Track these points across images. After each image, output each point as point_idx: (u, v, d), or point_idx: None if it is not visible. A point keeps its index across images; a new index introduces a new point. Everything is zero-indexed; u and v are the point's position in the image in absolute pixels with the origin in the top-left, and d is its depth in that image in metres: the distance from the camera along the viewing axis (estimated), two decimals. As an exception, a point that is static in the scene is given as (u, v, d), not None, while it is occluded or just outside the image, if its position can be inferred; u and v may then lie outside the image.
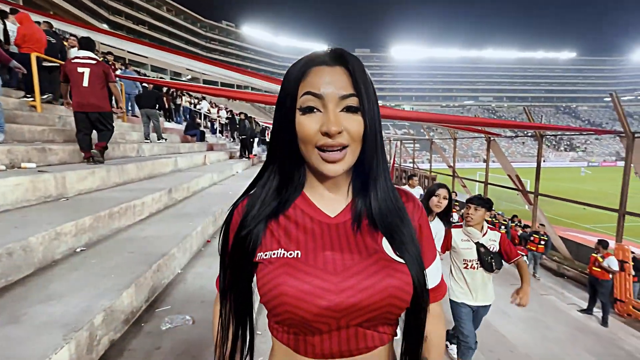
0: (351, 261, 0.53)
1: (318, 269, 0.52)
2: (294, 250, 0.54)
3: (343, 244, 0.55)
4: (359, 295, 0.50)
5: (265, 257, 0.54)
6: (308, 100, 0.52)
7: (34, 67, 4.81)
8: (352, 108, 0.52)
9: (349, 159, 0.53)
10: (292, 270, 0.52)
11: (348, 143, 0.52)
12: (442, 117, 12.99)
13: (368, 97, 0.53)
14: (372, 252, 0.54)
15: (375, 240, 0.55)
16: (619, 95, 6.52)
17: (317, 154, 0.52)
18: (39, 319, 1.34)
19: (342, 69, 0.53)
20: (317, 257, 0.53)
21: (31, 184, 2.44)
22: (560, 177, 28.79)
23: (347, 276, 0.51)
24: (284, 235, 0.56)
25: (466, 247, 2.35)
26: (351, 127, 0.52)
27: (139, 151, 5.40)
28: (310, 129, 0.52)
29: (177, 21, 56.44)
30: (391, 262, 0.53)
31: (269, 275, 0.52)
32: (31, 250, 1.75)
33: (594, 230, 12.50)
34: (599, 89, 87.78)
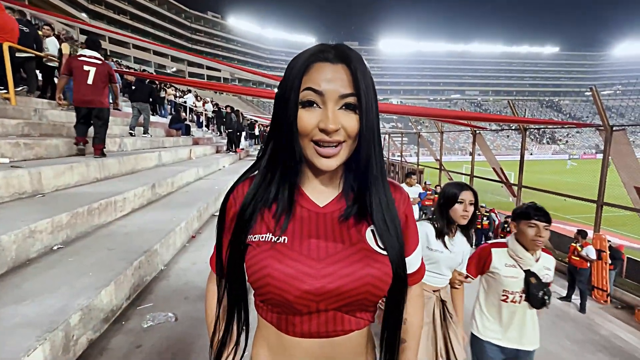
0: (334, 249, 0.56)
1: (302, 255, 0.55)
2: (282, 236, 0.57)
3: (328, 232, 0.58)
4: (338, 282, 0.53)
5: (254, 240, 0.57)
6: (308, 95, 0.53)
7: (7, 58, 4.58)
8: (351, 106, 0.54)
9: (343, 155, 0.55)
10: (278, 255, 0.55)
11: (344, 139, 0.54)
12: (429, 110, 13.10)
13: (367, 96, 0.54)
14: (355, 242, 0.57)
15: (359, 231, 0.58)
16: (599, 90, 6.69)
17: (312, 148, 0.55)
18: (12, 320, 1.29)
19: (344, 67, 0.54)
20: (303, 244, 0.56)
21: (4, 180, 2.34)
22: (546, 170, 29.55)
23: (329, 263, 0.55)
24: (273, 221, 0.58)
25: (511, 275, 1.70)
26: (348, 125, 0.54)
27: (121, 145, 5.25)
28: (309, 123, 0.54)
29: (160, 11, 54.73)
30: (372, 252, 0.56)
31: (257, 257, 0.56)
32: (3, 249, 1.67)
33: (574, 220, 12.92)
34: (581, 83, 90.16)
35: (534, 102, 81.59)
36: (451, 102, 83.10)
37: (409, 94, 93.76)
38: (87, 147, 4.04)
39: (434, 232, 1.69)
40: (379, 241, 0.58)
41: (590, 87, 6.98)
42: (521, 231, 1.64)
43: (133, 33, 46.93)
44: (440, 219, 1.70)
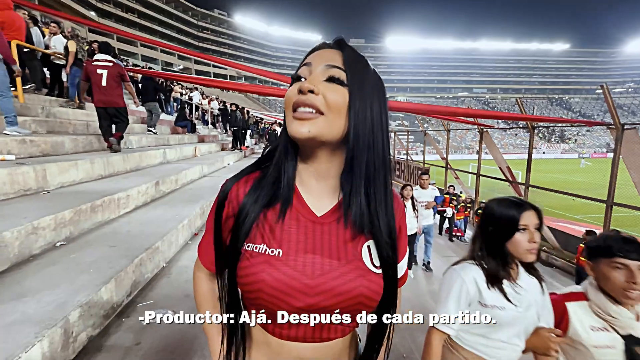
0: (329, 267, 0.54)
1: (297, 271, 0.53)
2: (276, 248, 0.54)
3: (324, 247, 0.55)
4: (331, 300, 0.53)
5: (248, 249, 0.55)
6: (300, 70, 0.54)
7: (15, 55, 4.64)
8: (336, 79, 0.52)
9: (320, 125, 0.51)
10: (271, 269, 0.53)
11: (322, 109, 0.51)
12: (435, 108, 12.96)
13: (363, 80, 0.53)
14: (350, 259, 0.55)
15: (355, 247, 0.57)
16: (612, 87, 6.54)
17: (291, 116, 0.52)
18: (11, 317, 1.29)
19: (337, 51, 0.55)
20: (298, 259, 0.54)
21: (9, 177, 2.36)
22: (558, 169, 29.09)
23: (323, 281, 0.53)
24: (268, 231, 0.56)
25: (603, 343, 1.05)
26: (329, 95, 0.51)
27: (126, 142, 5.28)
28: (292, 92, 0.53)
29: (167, 9, 55.03)
30: (367, 272, 0.56)
31: (250, 269, 0.54)
32: (5, 245, 1.69)
33: (583, 220, 12.71)
34: (591, 80, 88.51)
35: (543, 100, 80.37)
36: (458, 100, 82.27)
37: (415, 92, 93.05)
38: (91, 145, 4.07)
39: (485, 279, 1.05)
40: (375, 259, 0.57)
41: (601, 84, 6.84)
42: (604, 275, 1.07)
43: (141, 31, 47.36)
44: (490, 257, 1.08)
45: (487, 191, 15.84)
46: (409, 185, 4.49)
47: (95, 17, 40.76)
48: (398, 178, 15.83)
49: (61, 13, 14.04)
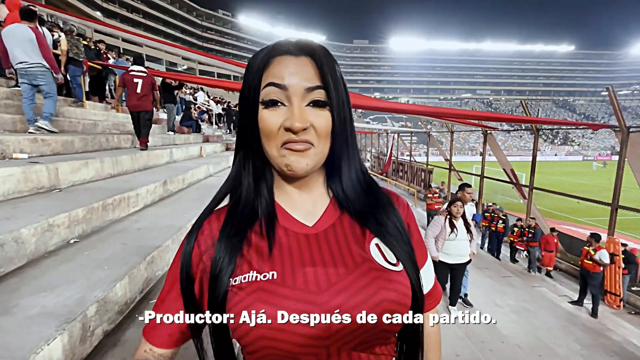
0: (336, 276, 0.46)
1: (298, 290, 0.44)
2: (268, 272, 0.46)
3: (325, 256, 0.48)
4: (350, 319, 0.43)
5: (234, 284, 0.46)
6: (271, 93, 0.47)
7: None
8: (320, 102, 0.47)
9: (315, 157, 0.48)
10: (267, 296, 0.44)
11: (313, 142, 0.47)
12: (439, 110, 12.98)
13: (337, 90, 0.48)
14: (359, 262, 0.47)
15: (362, 246, 0.49)
16: (617, 90, 6.53)
17: (281, 152, 0.47)
18: (32, 311, 1.34)
19: (308, 59, 0.48)
20: (297, 276, 0.46)
21: (23, 175, 2.42)
22: (563, 172, 28.91)
23: (334, 294, 0.44)
24: (255, 255, 0.48)
25: None
26: (318, 123, 0.47)
27: (133, 142, 5.35)
28: (273, 124, 0.47)
29: (172, 9, 55.39)
30: (383, 271, 0.47)
31: (240, 304, 0.44)
32: (23, 241, 1.73)
33: (587, 223, 12.65)
34: (596, 82, 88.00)
35: (547, 102, 79.97)
36: (462, 101, 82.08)
37: (419, 93, 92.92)
38: (99, 145, 4.14)
39: None
40: (388, 255, 0.49)
41: (607, 86, 6.83)
42: None
43: (145, 31, 47.63)
44: None
45: (491, 193, 15.84)
46: (459, 201, 3.73)
47: (101, 17, 41.04)
48: (401, 179, 15.85)
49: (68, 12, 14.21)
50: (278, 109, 0.47)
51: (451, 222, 3.68)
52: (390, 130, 20.86)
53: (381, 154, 19.86)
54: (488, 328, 3.26)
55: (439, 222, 3.73)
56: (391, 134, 18.70)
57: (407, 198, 13.48)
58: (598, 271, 5.54)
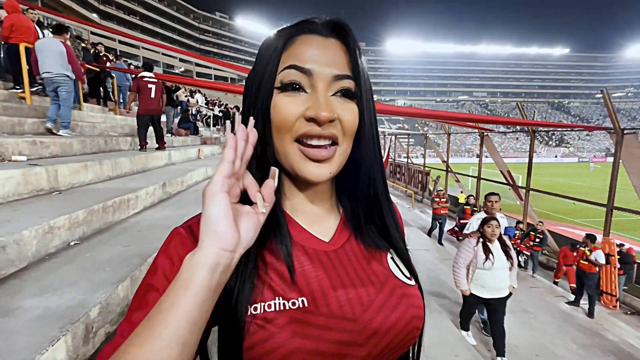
0: (367, 297, 0.41)
1: (335, 318, 0.39)
2: (297, 298, 0.39)
3: (351, 275, 0.43)
4: (386, 339, 0.41)
5: (255, 313, 0.37)
6: (290, 76, 0.40)
7: (23, 57, 4.71)
8: (349, 93, 0.41)
9: (338, 160, 0.41)
10: (303, 328, 0.37)
11: (339, 138, 0.40)
12: (435, 113, 13.06)
13: (366, 82, 0.42)
14: (384, 280, 0.44)
15: (381, 262, 0.46)
16: (611, 92, 6.61)
17: (297, 150, 0.40)
18: (35, 312, 1.34)
19: (338, 42, 0.42)
20: (330, 301, 0.40)
21: (22, 177, 2.42)
22: (559, 173, 29.12)
23: (370, 318, 0.40)
24: (276, 277, 0.40)
25: None
26: (346, 117, 0.40)
27: (131, 144, 5.35)
28: (291, 112, 0.39)
29: (169, 12, 55.38)
30: (405, 287, 0.45)
31: (272, 340, 0.36)
32: (25, 244, 1.74)
33: (583, 224, 12.75)
34: (591, 85, 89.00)
35: (543, 104, 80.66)
36: (458, 103, 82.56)
37: (415, 95, 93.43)
38: (98, 147, 4.13)
39: None
40: (404, 269, 0.47)
41: (601, 89, 6.92)
42: None
43: (142, 33, 47.56)
44: None
45: (488, 195, 15.95)
46: (493, 220, 2.95)
47: (97, 19, 40.95)
48: (398, 181, 15.91)
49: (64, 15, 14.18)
50: (298, 95, 0.40)
51: (485, 246, 2.93)
52: (387, 132, 20.96)
53: (379, 156, 19.91)
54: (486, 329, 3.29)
55: (469, 246, 2.99)
56: (388, 136, 18.80)
57: (405, 200, 13.52)
58: (594, 271, 5.59)
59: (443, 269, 5.11)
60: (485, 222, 2.99)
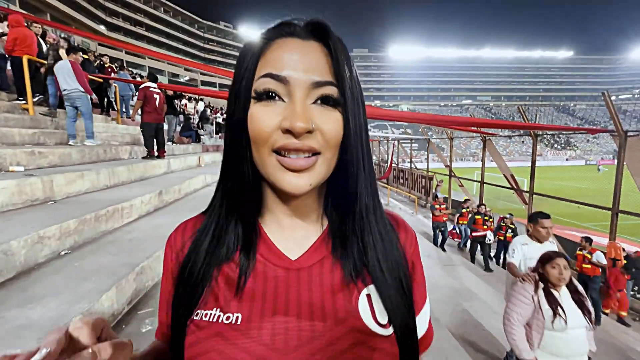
0: (310, 333, 0.37)
1: (262, 345, 0.36)
2: (233, 313, 0.38)
3: (303, 302, 0.39)
4: None
5: (195, 318, 0.39)
6: (266, 84, 0.37)
7: (26, 70, 4.82)
8: (330, 100, 0.37)
9: (319, 171, 0.38)
10: (224, 345, 0.37)
11: (320, 149, 0.37)
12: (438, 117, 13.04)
13: (352, 88, 0.38)
14: (342, 318, 0.38)
15: (349, 298, 0.40)
16: (617, 94, 6.60)
17: (274, 160, 0.37)
18: (16, 322, 1.34)
19: (318, 45, 0.38)
20: (263, 325, 0.38)
21: (17, 188, 2.45)
22: (565, 177, 28.77)
23: (301, 356, 0.36)
24: (223, 286, 0.40)
25: None
26: (326, 127, 0.37)
27: (131, 153, 5.41)
28: (267, 122, 0.37)
29: (174, 22, 56.48)
30: (368, 335, 0.38)
31: (194, 347, 0.38)
32: (12, 253, 1.75)
33: (589, 228, 12.53)
34: (597, 87, 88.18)
35: (548, 107, 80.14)
36: (462, 107, 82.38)
37: (419, 100, 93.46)
38: (97, 156, 4.19)
39: None
40: (379, 312, 0.39)
41: (602, 92, 6.85)
42: None
43: (148, 44, 48.49)
44: None
45: (493, 199, 15.75)
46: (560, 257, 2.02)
47: (105, 30, 41.89)
48: (402, 186, 15.83)
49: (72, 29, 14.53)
50: (274, 104, 0.37)
51: (551, 296, 1.99)
52: (390, 137, 20.92)
53: (382, 161, 19.89)
54: (484, 336, 3.21)
55: (526, 295, 2.06)
56: (392, 141, 18.76)
57: (408, 205, 13.42)
58: (598, 274, 5.47)
59: (442, 275, 5.04)
60: (548, 260, 2.05)
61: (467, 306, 3.89)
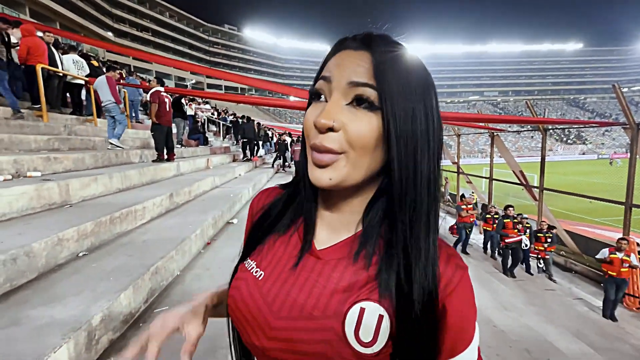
0: (299, 313, 0.41)
1: (265, 304, 0.43)
2: (261, 270, 0.46)
3: (307, 287, 0.42)
4: (282, 355, 0.41)
5: (244, 262, 0.49)
6: (318, 85, 0.42)
7: (39, 78, 4.95)
8: (363, 101, 0.38)
9: (342, 169, 0.39)
10: (246, 287, 0.45)
11: (341, 149, 0.38)
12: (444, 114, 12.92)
13: (400, 94, 0.38)
14: (329, 316, 0.40)
15: (344, 303, 0.40)
16: (628, 86, 6.48)
17: (310, 157, 0.42)
18: (40, 321, 1.41)
19: (366, 53, 0.40)
20: (273, 288, 0.44)
21: (35, 192, 2.54)
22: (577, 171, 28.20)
23: (283, 327, 0.41)
24: (266, 250, 0.49)
25: None
26: (351, 127, 0.38)
27: (141, 157, 5.52)
28: (309, 120, 0.41)
29: (180, 27, 57.08)
30: (340, 342, 0.39)
31: (233, 282, 0.48)
32: (34, 255, 1.83)
33: (603, 223, 12.30)
34: (607, 79, 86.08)
35: (557, 101, 78.71)
36: (469, 103, 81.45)
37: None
38: (109, 161, 4.29)
39: None
40: (367, 331, 0.39)
41: (613, 84, 6.72)
42: None
43: (155, 48, 49.11)
44: None
45: (502, 195, 15.56)
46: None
47: (112, 37, 42.58)
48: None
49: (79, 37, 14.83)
50: (319, 104, 0.42)
51: None
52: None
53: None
54: (495, 332, 3.21)
55: None
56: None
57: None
58: (629, 277, 5.27)
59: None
60: None
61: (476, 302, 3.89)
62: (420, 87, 0.40)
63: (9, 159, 3.00)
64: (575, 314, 4.78)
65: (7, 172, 2.95)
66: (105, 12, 41.91)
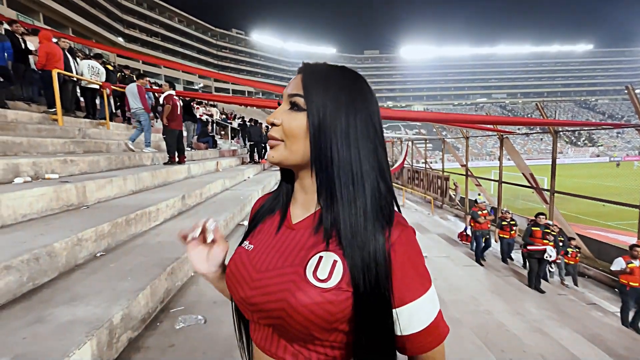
0: (274, 265, 0.54)
1: (250, 265, 0.57)
2: (251, 244, 0.61)
3: (282, 248, 0.56)
4: (260, 298, 0.53)
5: (242, 242, 0.64)
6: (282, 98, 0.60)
7: (55, 83, 5.08)
8: (295, 105, 0.55)
9: (281, 152, 0.55)
10: (237, 258, 0.60)
11: (281, 137, 0.55)
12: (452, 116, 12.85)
13: (319, 98, 0.53)
14: (295, 264, 0.52)
15: (307, 254, 0.53)
16: (635, 87, 6.32)
17: None
18: (64, 318, 1.45)
19: (300, 75, 0.57)
20: (257, 254, 0.58)
21: (54, 194, 2.60)
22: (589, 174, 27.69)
23: (264, 277, 0.54)
24: (259, 230, 0.64)
25: None
26: (286, 123, 0.55)
27: (153, 159, 5.60)
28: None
29: (188, 31, 57.92)
30: (301, 281, 0.50)
31: (231, 256, 0.62)
32: (56, 255, 1.87)
33: (616, 227, 12.05)
34: (619, 80, 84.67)
35: (568, 103, 77.56)
36: (477, 106, 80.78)
37: (432, 100, 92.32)
38: (122, 163, 4.36)
39: None
40: (323, 270, 0.50)
41: (626, 85, 6.62)
42: None
43: (164, 53, 49.86)
44: None
45: (512, 198, 15.38)
46: None
47: (123, 42, 43.37)
48: (417, 187, 15.66)
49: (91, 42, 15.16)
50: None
51: None
52: (403, 138, 20.75)
53: (396, 162, 19.75)
54: (509, 337, 3.16)
55: None
56: (405, 142, 18.62)
57: (424, 206, 13.27)
58: None
59: (462, 276, 4.97)
60: None
61: (489, 307, 3.84)
62: (343, 94, 0.54)
63: (28, 161, 3.08)
64: (589, 319, 4.68)
65: (27, 174, 3.03)
66: (116, 18, 42.76)
